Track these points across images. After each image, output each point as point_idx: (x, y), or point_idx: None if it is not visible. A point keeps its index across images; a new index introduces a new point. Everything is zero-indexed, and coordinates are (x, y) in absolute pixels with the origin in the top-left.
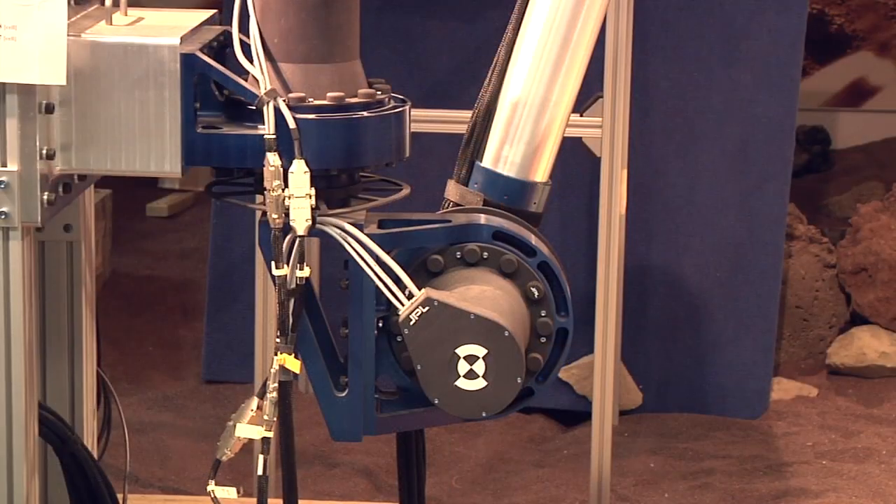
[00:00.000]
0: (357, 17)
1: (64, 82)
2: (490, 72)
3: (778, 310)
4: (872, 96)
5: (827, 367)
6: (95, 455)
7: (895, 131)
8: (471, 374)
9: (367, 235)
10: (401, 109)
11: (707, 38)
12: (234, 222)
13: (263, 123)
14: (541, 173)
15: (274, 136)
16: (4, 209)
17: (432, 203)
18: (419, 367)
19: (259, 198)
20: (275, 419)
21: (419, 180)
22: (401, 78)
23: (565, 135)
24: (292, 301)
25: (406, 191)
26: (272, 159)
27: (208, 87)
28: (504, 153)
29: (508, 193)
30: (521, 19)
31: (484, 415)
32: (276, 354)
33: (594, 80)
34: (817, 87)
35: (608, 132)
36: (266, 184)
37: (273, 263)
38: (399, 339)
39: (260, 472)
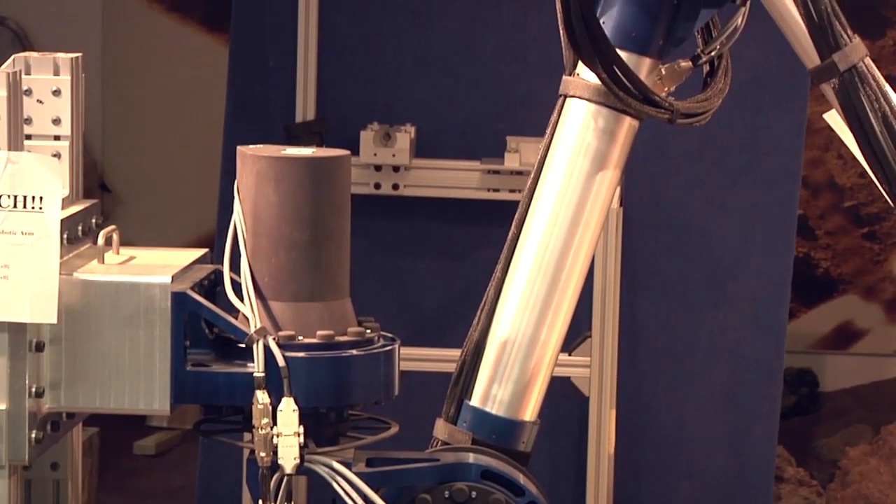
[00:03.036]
0: (347, 256)
1: (55, 321)
2: (479, 310)
3: None
4: (860, 339)
5: None
6: None
7: (883, 374)
8: None
9: (356, 474)
10: (390, 348)
11: (695, 279)
12: (221, 460)
13: (253, 361)
14: (529, 412)
15: (263, 375)
16: None
17: (421, 441)
18: None
19: (247, 435)
20: None
21: (408, 418)
22: (390, 316)
23: (554, 374)
24: None
25: (394, 429)
26: (261, 397)
27: (198, 324)
28: (493, 392)
29: (497, 432)
30: (511, 259)
31: None
32: None
33: (582, 319)
34: (805, 330)
35: (596, 372)
36: (255, 421)
37: (261, 502)
38: None
39: None
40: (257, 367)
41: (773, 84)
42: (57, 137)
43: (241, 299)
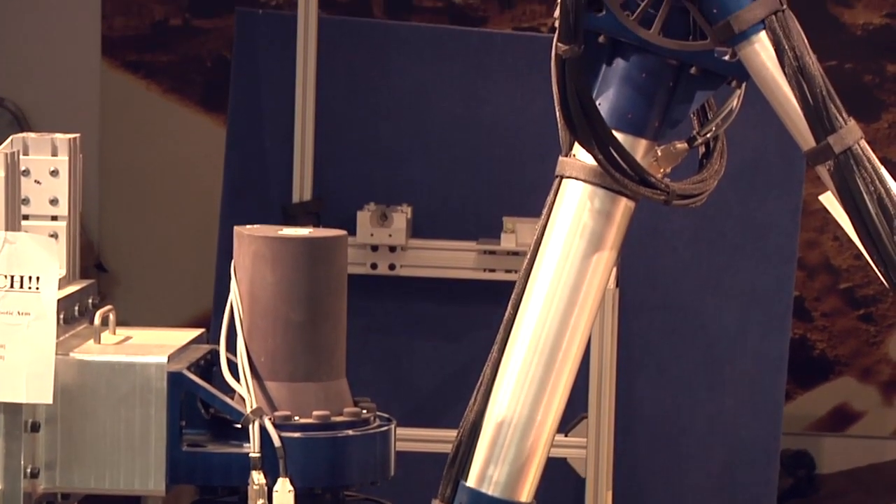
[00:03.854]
0: (343, 336)
1: (50, 401)
2: (475, 391)
3: None
4: (856, 421)
5: None
6: None
7: (880, 457)
8: None
9: None
10: (386, 428)
11: (691, 360)
12: None
13: (249, 442)
14: (526, 493)
15: (259, 455)
16: None
17: None
18: None
19: None
20: None
21: (404, 499)
22: (386, 396)
23: (550, 455)
24: None
25: None
26: (257, 478)
27: (194, 404)
28: (489, 473)
29: None
30: (507, 339)
31: None
32: None
33: (579, 400)
34: (801, 412)
35: (593, 453)
36: (250, 502)
37: None
38: None
39: None
40: (253, 448)
41: (768, 166)
42: (54, 217)
43: (238, 379)
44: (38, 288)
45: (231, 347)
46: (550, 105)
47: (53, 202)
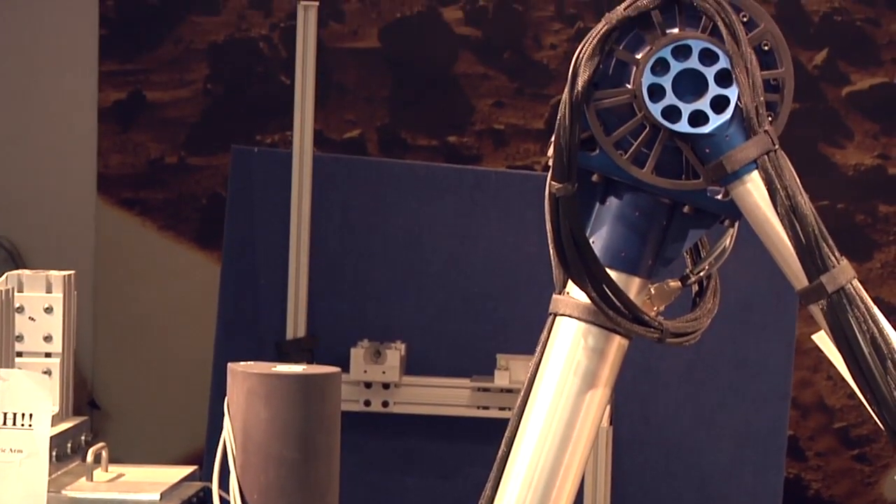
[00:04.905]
0: (337, 474)
1: None
2: None
3: None
4: None
5: None
6: None
7: None
8: None
9: None
10: None
11: (685, 499)
12: None
13: None
14: None
15: None
16: None
17: None
18: None
19: None
20: None
21: None
22: None
23: None
24: None
25: None
26: None
27: None
28: None
29: None
30: (500, 477)
31: None
32: None
33: None
34: None
35: None
36: None
37: None
38: None
39: None
40: None
41: (761, 304)
42: (48, 354)
43: None
44: (31, 425)
45: (224, 485)
46: (544, 242)
47: (47, 339)
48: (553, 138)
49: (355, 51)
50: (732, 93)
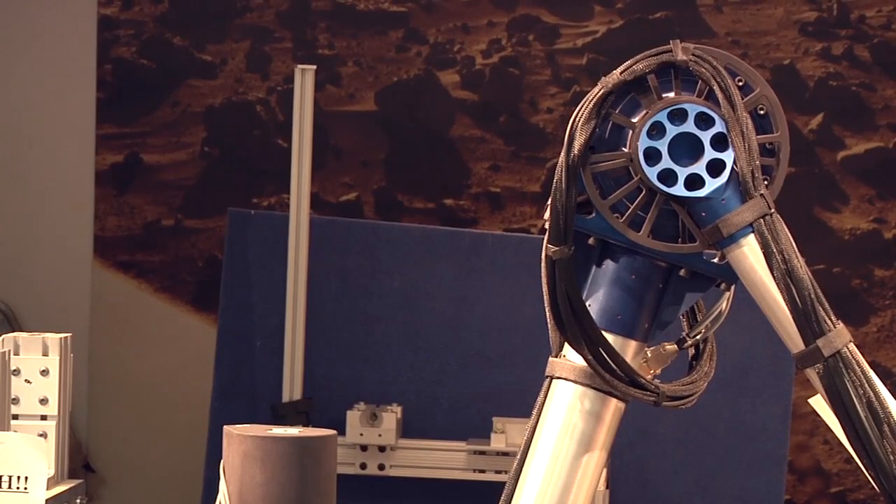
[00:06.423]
0: None
1: None
2: None
3: None
4: None
5: None
6: None
7: None
8: None
9: None
10: None
11: None
12: None
13: None
14: None
15: None
16: None
17: None
18: None
19: None
20: None
21: None
22: None
23: None
24: None
25: None
26: None
27: None
28: None
29: None
30: None
31: None
32: None
33: None
34: None
35: None
36: None
37: None
38: None
39: None
40: None
41: (758, 368)
42: (44, 417)
43: None
44: (26, 488)
45: None
46: (540, 305)
47: (43, 401)
48: (549, 201)
49: (352, 114)
50: (728, 157)
